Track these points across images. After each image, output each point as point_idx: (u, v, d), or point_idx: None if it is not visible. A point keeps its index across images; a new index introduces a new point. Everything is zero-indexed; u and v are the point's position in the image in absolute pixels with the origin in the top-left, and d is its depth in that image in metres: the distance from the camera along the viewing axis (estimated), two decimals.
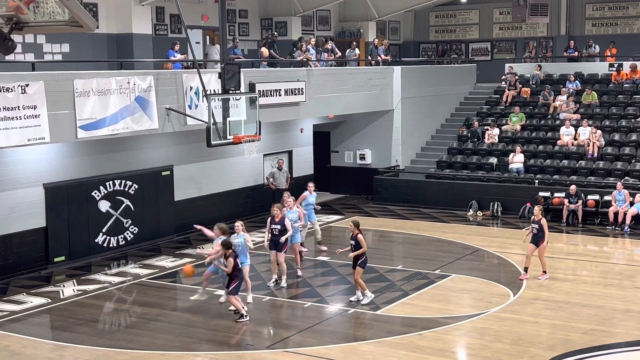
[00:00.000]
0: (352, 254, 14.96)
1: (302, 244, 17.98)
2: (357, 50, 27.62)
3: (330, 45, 26.31)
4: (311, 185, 19.38)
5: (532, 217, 16.99)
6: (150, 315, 14.70)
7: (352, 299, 15.23)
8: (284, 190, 23.44)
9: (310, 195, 19.01)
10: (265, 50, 24.01)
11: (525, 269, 16.81)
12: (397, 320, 14.30)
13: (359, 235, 14.83)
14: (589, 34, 33.18)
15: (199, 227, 15.72)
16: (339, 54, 26.58)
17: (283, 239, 16.04)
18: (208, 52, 23.70)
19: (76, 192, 18.54)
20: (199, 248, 19.46)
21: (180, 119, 18.67)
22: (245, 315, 14.21)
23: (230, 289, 14.11)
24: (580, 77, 29.24)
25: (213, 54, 23.21)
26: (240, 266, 14.30)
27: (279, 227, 16.11)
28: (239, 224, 15.09)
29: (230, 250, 14.00)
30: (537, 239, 16.63)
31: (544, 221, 16.70)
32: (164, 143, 20.57)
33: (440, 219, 23.44)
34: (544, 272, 16.76)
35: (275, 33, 27.36)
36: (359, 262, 14.93)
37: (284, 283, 16.42)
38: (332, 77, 24.38)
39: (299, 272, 17.22)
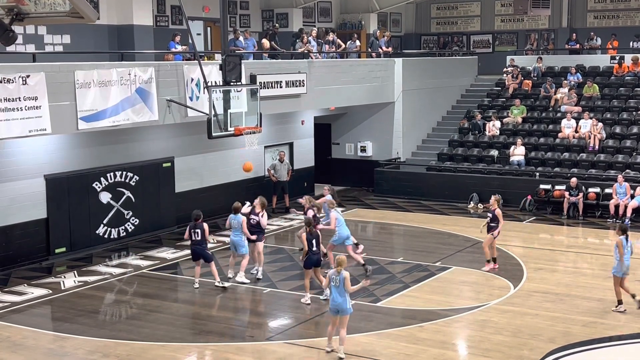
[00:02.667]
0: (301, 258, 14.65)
1: (356, 244, 17.65)
2: (358, 42, 27.56)
3: (332, 37, 26.25)
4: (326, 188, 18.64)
5: (489, 207, 17.05)
6: (151, 307, 14.72)
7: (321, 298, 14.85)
8: (285, 182, 23.52)
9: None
10: (266, 42, 23.97)
11: (490, 260, 16.87)
12: (398, 312, 14.32)
13: (303, 235, 14.23)
14: (590, 26, 33.14)
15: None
16: (343, 46, 26.51)
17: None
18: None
19: (77, 183, 18.55)
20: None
21: (181, 111, 18.66)
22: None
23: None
24: (581, 70, 29.19)
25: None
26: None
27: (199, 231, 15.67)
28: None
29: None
30: (491, 228, 16.73)
31: (498, 211, 16.75)
32: (164, 135, 20.56)
33: (441, 212, 23.43)
34: (488, 261, 16.82)
35: (277, 25, 27.32)
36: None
37: (196, 284, 15.86)
38: (333, 69, 24.35)
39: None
